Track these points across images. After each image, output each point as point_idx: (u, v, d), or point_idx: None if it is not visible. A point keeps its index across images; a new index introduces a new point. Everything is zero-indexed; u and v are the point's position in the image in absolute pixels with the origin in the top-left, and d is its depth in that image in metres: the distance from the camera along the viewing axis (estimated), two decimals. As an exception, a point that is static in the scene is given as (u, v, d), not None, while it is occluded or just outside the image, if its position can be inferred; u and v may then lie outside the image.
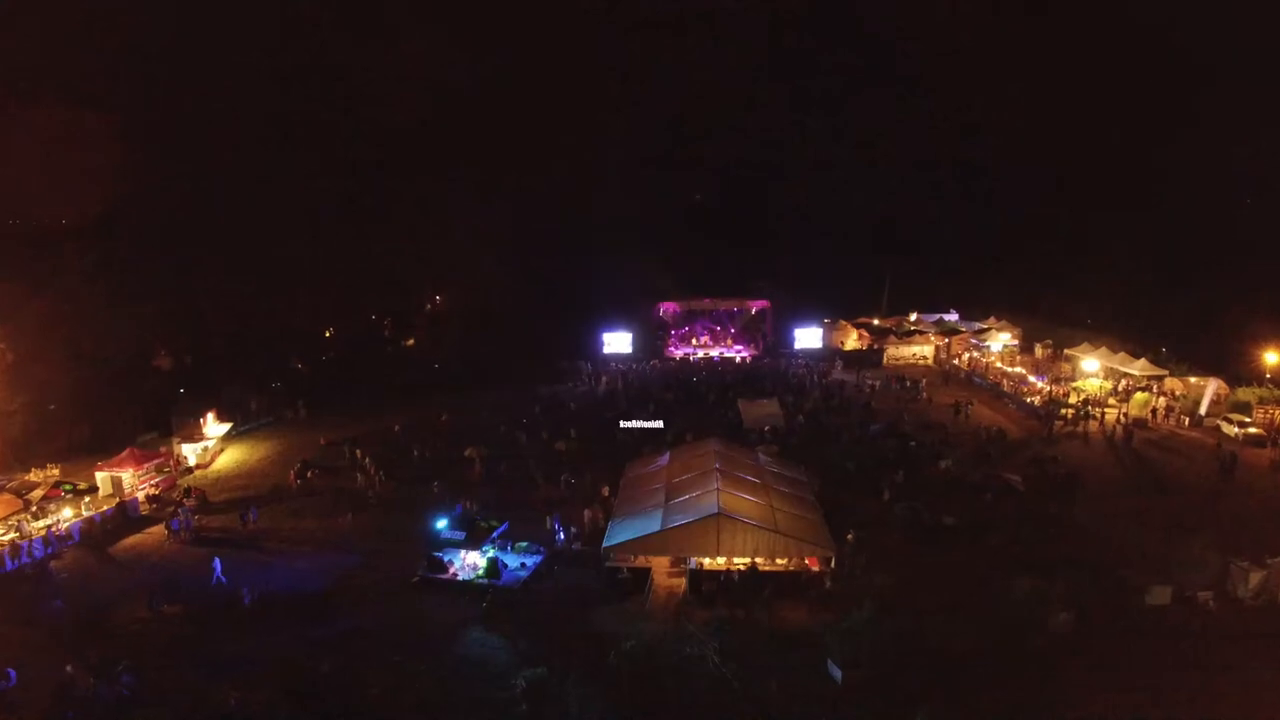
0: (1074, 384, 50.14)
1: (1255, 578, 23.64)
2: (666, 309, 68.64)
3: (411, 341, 77.76)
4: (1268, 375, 44.71)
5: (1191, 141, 66.96)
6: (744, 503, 26.59)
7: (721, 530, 24.91)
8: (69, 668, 20.01)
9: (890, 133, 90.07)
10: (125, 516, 32.39)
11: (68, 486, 33.60)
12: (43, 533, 29.21)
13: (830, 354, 64.26)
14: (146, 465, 35.68)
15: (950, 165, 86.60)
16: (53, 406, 41.83)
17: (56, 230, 52.66)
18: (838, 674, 20.23)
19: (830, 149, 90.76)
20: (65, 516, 30.93)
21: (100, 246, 47.92)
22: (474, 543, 26.24)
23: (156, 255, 53.01)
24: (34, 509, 31.22)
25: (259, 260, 59.03)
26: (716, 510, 25.14)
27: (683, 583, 25.26)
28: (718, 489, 26.69)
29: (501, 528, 27.24)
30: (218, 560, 26.21)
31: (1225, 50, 70.19)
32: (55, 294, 41.73)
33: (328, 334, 72.73)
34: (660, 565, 26.16)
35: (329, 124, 73.07)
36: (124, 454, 35.40)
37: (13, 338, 41.50)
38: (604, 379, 57.71)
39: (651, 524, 25.96)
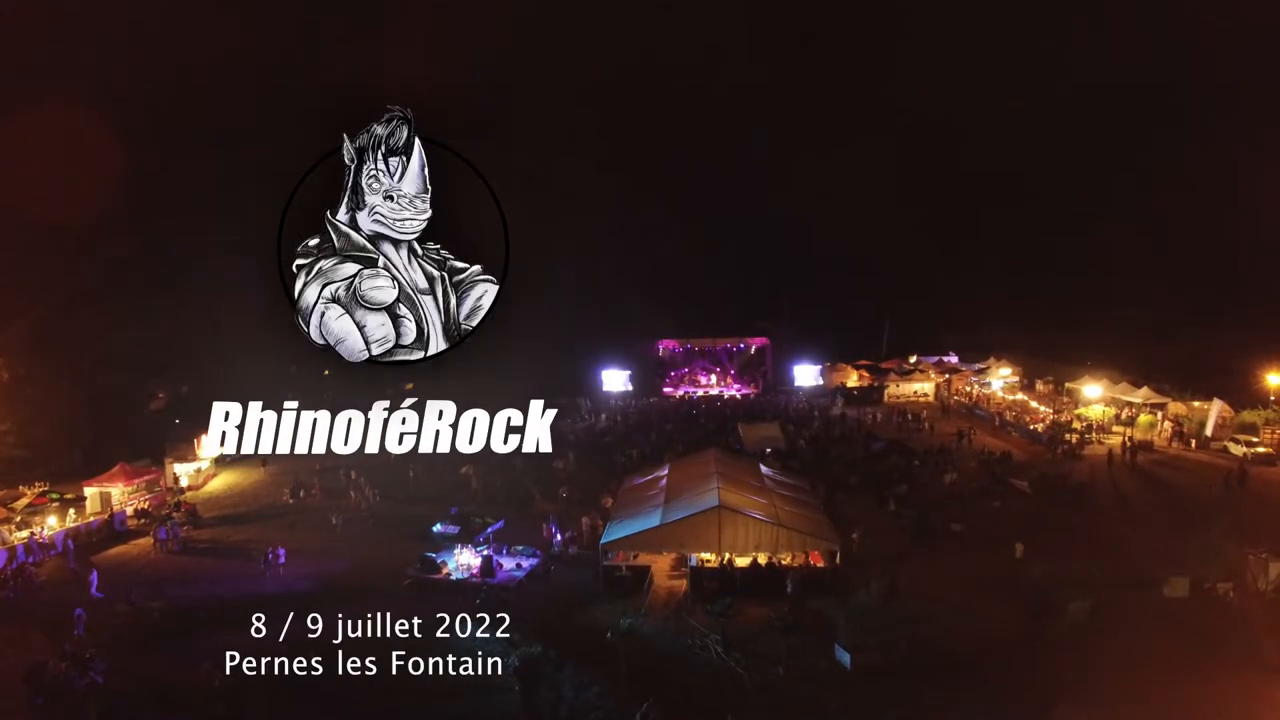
0: (1078, 411, 49.72)
1: (1275, 569, 22.85)
2: (665, 346, 68.45)
3: (411, 386, 77.28)
4: (1273, 398, 44.37)
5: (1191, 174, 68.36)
6: (746, 499, 25.95)
7: (723, 524, 24.12)
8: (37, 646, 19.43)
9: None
10: (111, 529, 31.58)
11: (54, 496, 32.90)
12: (24, 540, 28.39)
13: (831, 391, 63.92)
14: (136, 482, 34.92)
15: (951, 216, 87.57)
16: (44, 429, 41.32)
17: (56, 245, 52.64)
18: (846, 658, 19.37)
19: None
20: (50, 524, 30.13)
21: (101, 265, 47.96)
22: (467, 536, 25.50)
23: (156, 284, 53.13)
24: (18, 519, 30.42)
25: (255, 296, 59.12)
26: (717, 503, 24.46)
27: (684, 584, 24.43)
28: (718, 487, 26.05)
29: (496, 525, 26.53)
30: (95, 574, 25.08)
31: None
32: (52, 312, 41.46)
33: (326, 374, 72.31)
34: (661, 568, 25.39)
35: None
36: (114, 469, 34.70)
37: (5, 355, 41.06)
38: (603, 415, 57.24)
39: (651, 520, 25.25)
